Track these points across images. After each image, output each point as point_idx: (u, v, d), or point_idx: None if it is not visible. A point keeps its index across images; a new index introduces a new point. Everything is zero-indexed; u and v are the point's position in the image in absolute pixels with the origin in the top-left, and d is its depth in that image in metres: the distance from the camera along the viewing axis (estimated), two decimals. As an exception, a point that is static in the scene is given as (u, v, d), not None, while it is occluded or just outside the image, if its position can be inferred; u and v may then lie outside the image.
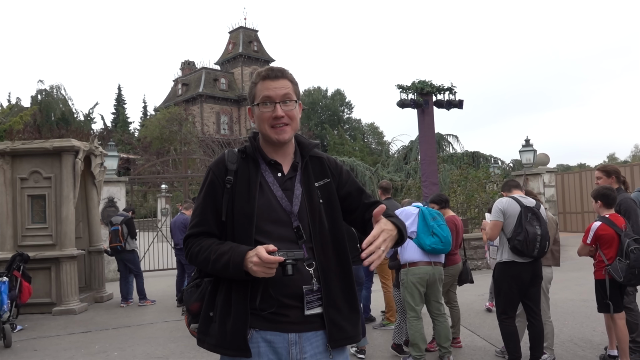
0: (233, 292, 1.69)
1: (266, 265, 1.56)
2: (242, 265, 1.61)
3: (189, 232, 1.81)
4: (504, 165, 22.19)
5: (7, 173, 8.61)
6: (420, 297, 4.80)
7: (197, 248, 1.75)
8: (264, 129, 1.77)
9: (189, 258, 1.79)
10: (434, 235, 4.71)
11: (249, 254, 1.60)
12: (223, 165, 1.79)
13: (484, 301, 7.75)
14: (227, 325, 1.68)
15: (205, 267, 1.73)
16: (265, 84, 1.75)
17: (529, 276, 4.34)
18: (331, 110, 66.53)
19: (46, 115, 33.91)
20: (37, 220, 8.74)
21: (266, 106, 1.74)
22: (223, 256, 1.66)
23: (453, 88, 11.55)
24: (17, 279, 7.16)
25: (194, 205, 1.86)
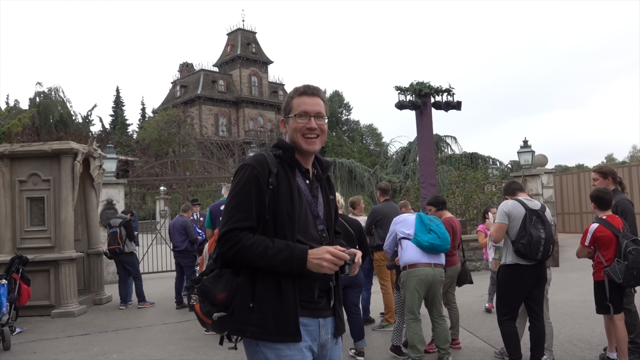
0: (282, 285, 1.85)
1: (337, 262, 1.80)
2: (306, 261, 1.81)
3: (235, 225, 1.86)
4: (503, 167, 22.22)
5: (5, 176, 8.60)
6: (420, 299, 4.82)
7: (249, 242, 1.83)
8: (296, 138, 1.98)
9: (235, 250, 1.84)
10: (431, 232, 4.75)
11: (315, 252, 1.82)
12: (267, 166, 1.92)
13: (483, 302, 7.76)
14: (277, 313, 1.85)
15: (258, 261, 1.82)
16: (302, 99, 2.01)
17: (532, 279, 4.35)
18: (329, 112, 66.57)
19: (45, 117, 33.92)
20: (36, 223, 8.73)
21: (302, 118, 1.98)
22: (282, 252, 1.82)
23: (451, 89, 11.57)
24: (16, 281, 7.16)
25: (232, 199, 1.91)
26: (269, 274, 1.86)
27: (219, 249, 1.89)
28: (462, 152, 23.12)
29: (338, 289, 2.06)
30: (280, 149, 2.01)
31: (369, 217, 6.89)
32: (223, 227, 1.88)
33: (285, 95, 2.20)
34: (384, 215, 6.72)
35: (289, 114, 2.02)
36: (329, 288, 2.00)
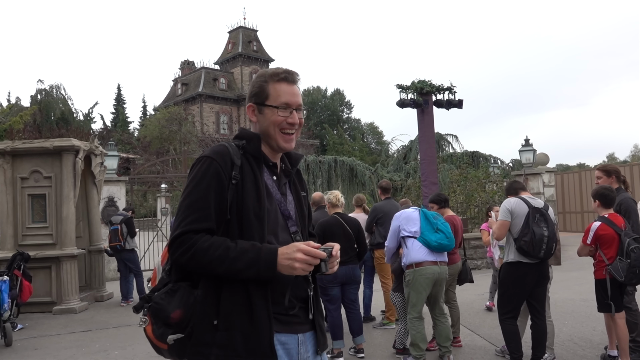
0: (252, 296, 1.58)
1: (311, 262, 1.55)
2: (276, 263, 1.55)
3: (188, 228, 1.57)
4: (504, 165, 22.19)
5: (7, 172, 8.61)
6: (424, 298, 4.81)
7: (206, 244, 1.55)
8: (272, 132, 1.73)
9: (189, 255, 1.55)
10: (438, 232, 4.73)
11: (285, 251, 1.55)
12: (229, 158, 1.65)
13: (484, 300, 7.76)
14: (247, 331, 1.57)
15: (218, 266, 1.54)
16: (282, 87, 1.73)
17: (535, 277, 4.34)
18: (330, 110, 66.59)
19: (46, 114, 33.93)
20: (37, 220, 8.74)
21: (284, 110, 1.72)
22: (246, 254, 1.55)
23: (453, 88, 11.56)
24: (17, 278, 7.16)
25: (187, 197, 1.63)
26: (236, 283, 1.57)
27: (171, 256, 1.59)
28: (463, 150, 23.09)
29: (318, 298, 1.80)
30: (243, 139, 1.74)
31: (370, 215, 6.90)
32: (175, 229, 1.59)
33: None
34: (384, 213, 6.73)
35: (264, 103, 1.73)
36: (307, 297, 1.73)
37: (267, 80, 1.74)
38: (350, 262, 5.28)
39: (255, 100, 1.75)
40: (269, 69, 1.79)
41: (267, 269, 1.55)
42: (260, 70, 1.83)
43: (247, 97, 1.80)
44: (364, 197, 7.29)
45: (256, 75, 1.81)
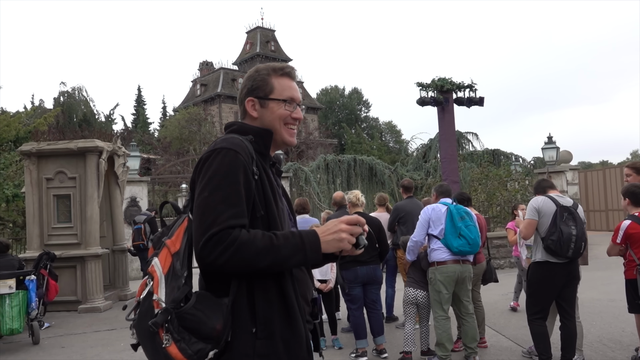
0: (287, 300, 1.51)
1: (356, 230, 1.51)
2: (319, 243, 1.48)
3: (226, 224, 1.41)
4: (525, 163, 21.87)
5: (33, 173, 8.77)
6: (449, 297, 4.76)
7: (247, 237, 1.42)
8: (277, 126, 1.68)
9: (231, 252, 1.39)
10: (461, 237, 4.64)
11: (325, 229, 1.50)
12: (249, 152, 1.55)
13: (508, 301, 7.65)
14: (287, 337, 1.50)
15: (263, 258, 1.42)
16: (286, 82, 1.71)
17: (563, 277, 4.26)
18: (348, 109, 66.45)
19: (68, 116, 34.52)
20: (62, 220, 8.89)
21: (289, 105, 1.69)
22: (288, 240, 1.46)
23: (474, 85, 11.46)
24: (44, 277, 7.29)
25: (216, 191, 1.46)
26: (270, 284, 1.49)
27: (205, 257, 1.40)
28: (483, 148, 22.80)
29: (319, 300, 1.77)
30: (248, 133, 1.63)
31: (392, 214, 6.85)
32: (210, 227, 1.40)
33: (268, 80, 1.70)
34: (406, 212, 6.68)
35: (268, 96, 1.67)
36: (314, 298, 1.70)
37: (269, 74, 1.70)
38: (372, 262, 5.24)
39: (258, 94, 1.69)
40: (268, 64, 1.75)
41: (313, 252, 1.47)
42: (258, 65, 1.75)
43: (246, 92, 1.70)
44: (387, 197, 7.25)
45: (254, 70, 1.73)
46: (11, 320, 6.09)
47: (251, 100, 1.69)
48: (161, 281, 1.42)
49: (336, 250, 1.51)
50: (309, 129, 48.43)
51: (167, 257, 1.46)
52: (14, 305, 6.13)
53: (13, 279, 6.19)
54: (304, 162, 30.07)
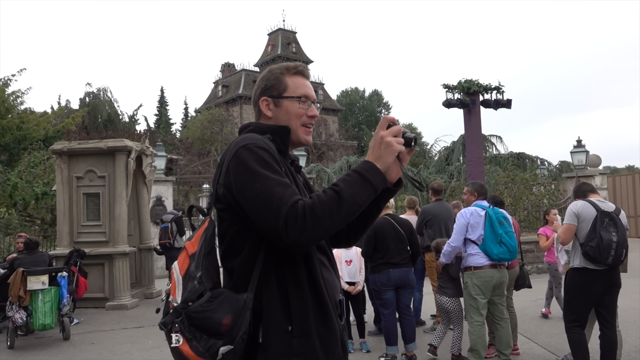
0: (321, 297, 1.50)
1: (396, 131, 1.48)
2: (373, 163, 1.45)
3: (293, 199, 1.39)
4: (551, 167, 21.53)
5: (64, 172, 8.92)
6: (486, 302, 4.67)
7: (311, 200, 1.39)
8: (293, 124, 1.66)
9: (310, 217, 1.35)
10: (502, 245, 4.55)
11: (370, 150, 1.48)
12: (273, 148, 1.54)
13: (538, 307, 7.51)
14: (324, 334, 1.49)
15: (338, 209, 1.37)
16: (300, 80, 1.69)
17: (603, 284, 4.14)
18: (368, 111, 66.29)
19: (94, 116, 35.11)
20: (91, 218, 9.02)
21: (304, 103, 1.67)
22: (346, 180, 1.43)
23: (501, 87, 11.36)
24: (74, 274, 7.40)
25: (266, 180, 1.43)
26: (303, 281, 1.47)
27: (295, 239, 1.36)
28: (508, 151, 22.52)
29: (344, 301, 1.72)
30: (266, 132, 1.61)
31: (419, 217, 6.79)
32: (279, 210, 1.37)
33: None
34: (434, 215, 6.62)
35: (282, 94, 1.66)
36: (340, 300, 1.67)
37: (282, 73, 1.69)
38: (404, 265, 5.18)
39: (271, 93, 1.67)
40: (281, 64, 1.74)
41: (374, 174, 1.44)
42: (271, 66, 1.75)
43: (260, 92, 1.69)
44: (417, 199, 7.18)
45: (267, 71, 1.73)
46: (44, 315, 6.19)
47: (265, 100, 1.68)
48: (178, 283, 1.44)
49: (393, 156, 1.47)
50: (330, 130, 48.39)
51: (185, 260, 1.47)
52: (46, 300, 6.23)
53: (46, 275, 6.29)
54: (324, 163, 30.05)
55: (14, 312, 6.09)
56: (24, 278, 6.09)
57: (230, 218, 1.52)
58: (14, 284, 6.05)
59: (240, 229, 1.51)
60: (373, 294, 5.68)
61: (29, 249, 6.92)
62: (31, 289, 6.12)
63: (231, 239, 1.53)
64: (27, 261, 6.59)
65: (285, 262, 1.48)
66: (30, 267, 6.36)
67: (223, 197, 1.51)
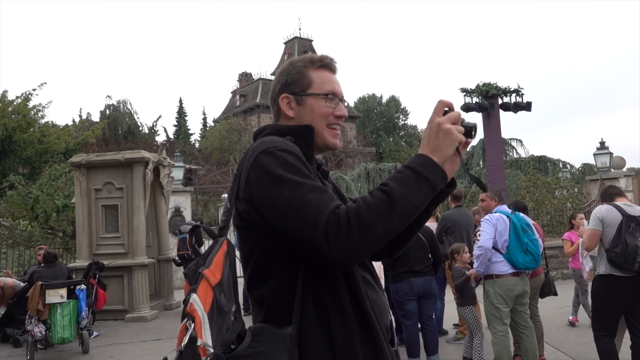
0: (370, 326, 1.28)
1: (455, 117, 1.28)
2: (429, 156, 1.24)
3: (333, 205, 1.19)
4: (574, 170, 21.09)
5: (82, 184, 8.99)
6: (508, 311, 4.52)
7: (356, 204, 1.19)
8: (318, 126, 1.44)
9: (356, 224, 1.15)
10: (528, 254, 4.39)
11: (424, 140, 1.26)
12: (296, 151, 1.34)
13: (564, 315, 7.28)
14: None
15: (389, 212, 1.16)
16: (326, 75, 1.48)
17: (631, 292, 3.96)
18: (386, 117, 66.10)
19: (114, 128, 35.68)
20: (110, 230, 9.06)
21: (330, 101, 1.46)
22: (397, 177, 1.22)
23: (520, 90, 11.18)
24: (93, 286, 7.41)
25: (297, 187, 1.22)
26: (346, 307, 1.25)
27: (339, 254, 1.16)
28: (529, 155, 22.14)
29: (393, 324, 1.53)
30: (286, 134, 1.40)
31: (439, 224, 6.64)
32: (317, 220, 1.16)
33: None
34: (455, 222, 6.47)
35: (306, 91, 1.45)
36: (390, 323, 1.49)
37: (306, 66, 1.48)
38: (427, 273, 5.05)
39: (293, 90, 1.46)
40: (304, 55, 1.53)
41: (430, 169, 1.22)
42: (293, 58, 1.53)
43: (280, 88, 1.48)
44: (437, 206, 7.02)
45: (288, 63, 1.51)
46: (62, 329, 6.19)
47: (286, 97, 1.47)
48: (204, 321, 1.16)
49: (454, 147, 1.25)
50: (348, 137, 48.36)
51: (208, 291, 1.20)
52: (65, 314, 6.23)
53: (64, 288, 6.30)
54: (342, 170, 29.95)
55: (32, 325, 6.10)
56: (42, 292, 6.11)
57: (255, 237, 1.31)
58: (33, 298, 6.07)
59: (268, 249, 1.30)
60: (394, 304, 5.55)
61: (47, 262, 6.95)
62: (50, 302, 6.13)
63: (258, 261, 1.32)
64: (45, 274, 6.62)
65: (323, 283, 1.27)
66: (49, 281, 6.39)
67: (245, 214, 1.30)
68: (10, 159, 17.02)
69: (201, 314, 1.17)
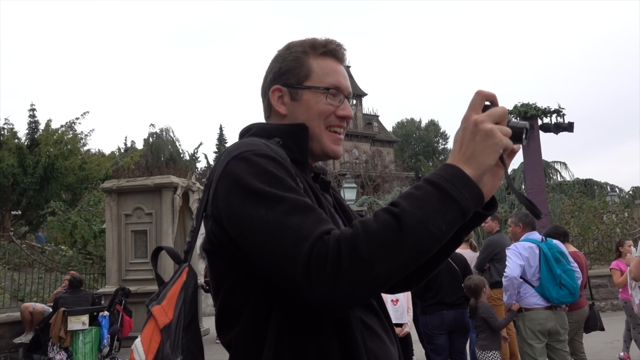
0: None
1: (501, 117, 0.94)
2: (463, 171, 0.90)
3: (321, 230, 0.90)
4: (623, 194, 20.08)
5: (113, 210, 9.07)
6: (543, 349, 4.09)
7: (352, 230, 0.88)
8: (316, 127, 1.15)
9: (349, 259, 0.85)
10: (562, 287, 3.98)
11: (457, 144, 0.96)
12: (282, 156, 1.06)
13: (614, 350, 6.69)
14: None
15: (397, 245, 0.85)
16: (330, 65, 1.18)
17: None
18: (425, 142, 65.45)
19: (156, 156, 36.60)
20: (139, 255, 9.06)
21: (333, 97, 1.16)
22: (413, 195, 0.89)
23: (561, 110, 10.75)
24: (119, 313, 7.35)
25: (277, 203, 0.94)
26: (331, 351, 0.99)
27: (323, 295, 0.87)
28: (574, 178, 21.29)
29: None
30: (274, 135, 1.12)
31: (485, 250, 6.22)
32: (297, 249, 0.89)
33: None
34: (503, 248, 6.04)
35: (303, 83, 1.16)
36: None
37: (306, 52, 1.18)
38: (460, 306, 4.66)
39: (288, 80, 1.17)
40: (305, 39, 1.21)
41: (460, 187, 0.89)
42: (291, 42, 1.23)
43: (272, 77, 1.20)
44: (471, 232, 6.63)
45: (285, 47, 1.22)
46: (84, 356, 6.12)
47: (278, 90, 1.18)
48: None
49: (496, 156, 0.91)
50: (385, 162, 47.97)
51: (155, 335, 1.00)
52: (87, 341, 6.17)
53: (86, 315, 6.25)
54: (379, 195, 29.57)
55: (54, 353, 6.06)
56: (64, 318, 6.06)
57: (223, 265, 1.05)
58: (55, 325, 6.04)
59: (239, 281, 1.03)
60: (424, 338, 5.19)
61: (73, 287, 6.94)
62: (72, 329, 6.08)
63: (226, 296, 1.05)
64: (70, 300, 6.60)
65: (305, 329, 0.99)
66: (72, 307, 6.35)
67: (212, 235, 1.04)
68: (52, 185, 17.60)
69: None
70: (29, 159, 17.31)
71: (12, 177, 17.33)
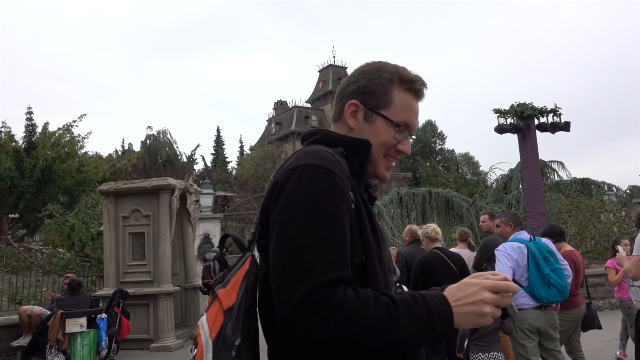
0: None
1: (502, 302, 1.06)
2: (452, 315, 1.03)
3: (324, 279, 0.99)
4: (620, 193, 20.10)
5: (111, 212, 9.04)
6: (535, 347, 4.09)
7: (355, 301, 0.99)
8: (376, 153, 1.24)
9: (335, 324, 0.97)
10: (551, 287, 3.97)
11: (457, 294, 1.05)
12: (344, 170, 1.13)
13: (612, 349, 6.70)
14: None
15: (378, 335, 0.99)
16: (410, 102, 1.26)
17: None
18: (422, 142, 65.44)
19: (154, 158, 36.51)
20: (137, 257, 9.04)
21: (401, 132, 1.25)
22: (410, 308, 1.01)
23: (557, 109, 10.73)
24: (117, 315, 7.34)
25: (304, 229, 1.02)
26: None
27: (297, 329, 0.99)
28: (571, 178, 21.29)
29: None
30: (339, 145, 1.20)
31: (481, 250, 6.23)
32: (300, 284, 0.98)
33: None
34: None
35: (380, 110, 1.23)
36: None
37: (393, 82, 1.24)
38: None
39: (367, 101, 1.23)
40: (398, 66, 1.28)
41: (443, 327, 1.02)
42: (385, 62, 1.28)
43: (353, 90, 1.26)
44: (469, 232, 6.63)
45: (375, 69, 1.27)
46: (82, 359, 6.11)
47: (355, 105, 1.24)
48: (207, 350, 1.03)
49: (476, 324, 1.06)
50: (383, 163, 48.02)
51: (219, 315, 1.06)
52: (85, 344, 6.16)
53: (84, 318, 6.24)
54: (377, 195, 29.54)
55: (52, 355, 6.05)
56: (62, 321, 6.05)
57: (267, 258, 1.11)
58: (53, 327, 6.03)
59: None
60: None
61: (71, 289, 6.94)
62: (69, 332, 6.07)
63: (263, 296, 1.13)
64: (68, 302, 6.59)
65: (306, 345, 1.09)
66: (71, 309, 6.34)
67: (265, 227, 1.12)
68: (50, 188, 17.56)
69: (204, 341, 1.05)
70: (26, 162, 17.28)
71: (10, 180, 17.29)
